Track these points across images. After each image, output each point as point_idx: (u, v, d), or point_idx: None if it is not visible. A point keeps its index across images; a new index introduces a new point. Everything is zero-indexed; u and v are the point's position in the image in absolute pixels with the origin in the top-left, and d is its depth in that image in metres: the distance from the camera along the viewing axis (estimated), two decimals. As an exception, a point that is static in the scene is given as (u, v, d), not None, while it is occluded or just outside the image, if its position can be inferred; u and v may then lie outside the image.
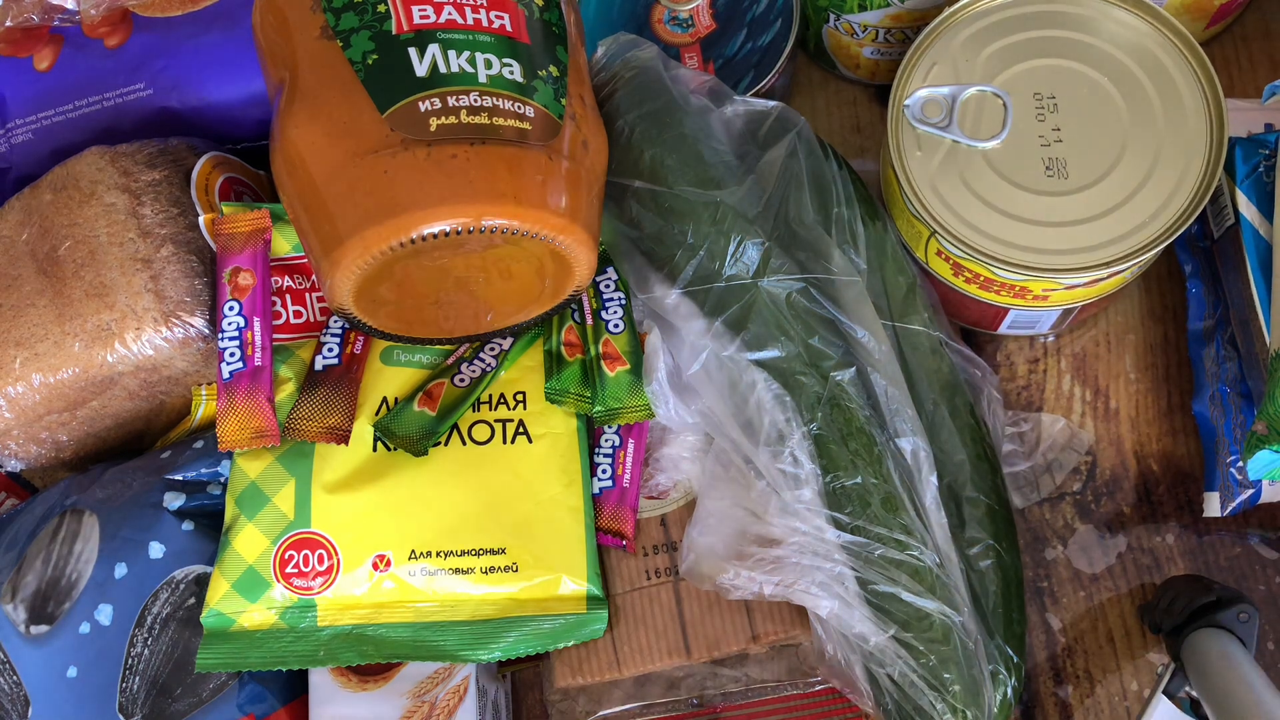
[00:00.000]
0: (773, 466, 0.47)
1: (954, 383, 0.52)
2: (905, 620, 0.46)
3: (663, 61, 0.53)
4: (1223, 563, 0.55)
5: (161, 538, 0.51)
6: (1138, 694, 0.54)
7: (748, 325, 0.48)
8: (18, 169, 0.59)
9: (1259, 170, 0.52)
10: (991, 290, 0.52)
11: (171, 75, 0.57)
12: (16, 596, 0.51)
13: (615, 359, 0.51)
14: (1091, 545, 0.55)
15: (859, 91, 0.64)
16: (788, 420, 0.48)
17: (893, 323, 0.51)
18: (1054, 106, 0.50)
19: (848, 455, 0.47)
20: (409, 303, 0.48)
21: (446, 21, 0.45)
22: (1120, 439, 0.57)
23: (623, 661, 0.51)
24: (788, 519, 0.47)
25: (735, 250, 0.49)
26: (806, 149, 0.52)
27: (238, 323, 0.50)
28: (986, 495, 0.50)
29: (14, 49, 0.59)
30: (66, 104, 0.58)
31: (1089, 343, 0.58)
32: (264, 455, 0.50)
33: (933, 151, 0.50)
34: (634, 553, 0.52)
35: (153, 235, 0.51)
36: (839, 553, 0.47)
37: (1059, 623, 0.55)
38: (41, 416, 0.53)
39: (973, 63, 0.51)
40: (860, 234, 0.51)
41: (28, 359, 0.51)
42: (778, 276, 0.49)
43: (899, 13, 0.57)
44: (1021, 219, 0.49)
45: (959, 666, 0.46)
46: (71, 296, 0.50)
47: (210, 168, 0.55)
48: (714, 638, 0.50)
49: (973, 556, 0.49)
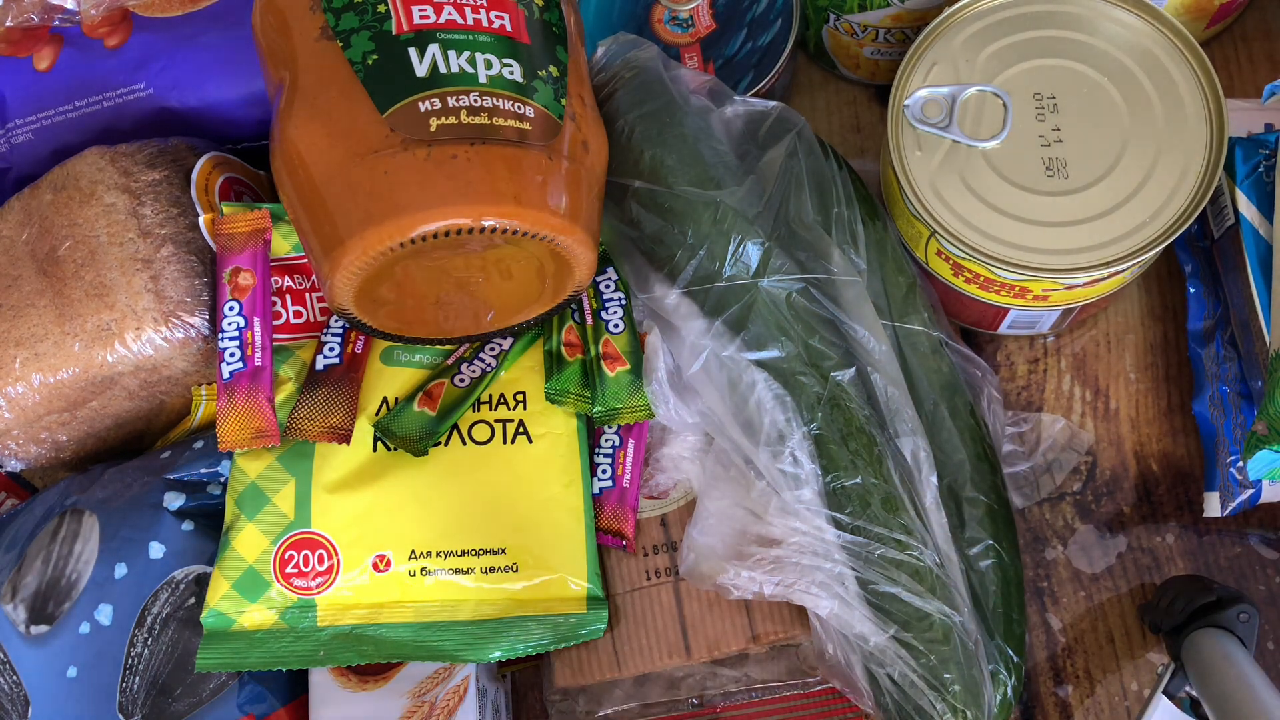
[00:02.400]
0: (773, 466, 0.47)
1: (954, 383, 0.52)
2: (905, 620, 0.46)
3: (663, 61, 0.53)
4: (1223, 563, 0.55)
5: (161, 538, 0.51)
6: (1138, 694, 0.54)
7: (748, 325, 0.48)
8: (18, 169, 0.59)
9: (1259, 170, 0.52)
10: (991, 290, 0.52)
11: (171, 75, 0.57)
12: (16, 596, 0.51)
13: (615, 359, 0.51)
14: (1091, 545, 0.55)
15: (859, 91, 0.64)
16: (788, 420, 0.48)
17: (893, 323, 0.51)
18: (1054, 106, 0.50)
19: (848, 455, 0.47)
20: (409, 303, 0.48)
21: (446, 22, 0.45)
22: (1120, 439, 0.57)
23: (623, 661, 0.51)
24: (788, 519, 0.47)
25: (735, 250, 0.49)
26: (806, 149, 0.52)
27: (238, 323, 0.50)
28: (986, 495, 0.50)
29: (14, 49, 0.59)
30: (66, 104, 0.58)
31: (1089, 343, 0.58)
32: (264, 455, 0.50)
33: (933, 151, 0.50)
34: (634, 553, 0.52)
35: (153, 235, 0.51)
36: (839, 553, 0.47)
37: (1059, 623, 0.55)
38: (41, 416, 0.53)
39: (973, 63, 0.51)
40: (860, 234, 0.51)
41: (28, 359, 0.51)
42: (778, 276, 0.49)
43: (899, 13, 0.57)
44: (1021, 219, 0.49)
45: (959, 666, 0.46)
46: (71, 297, 0.50)
47: (210, 168, 0.55)
48: (714, 638, 0.50)
49: (973, 556, 0.49)
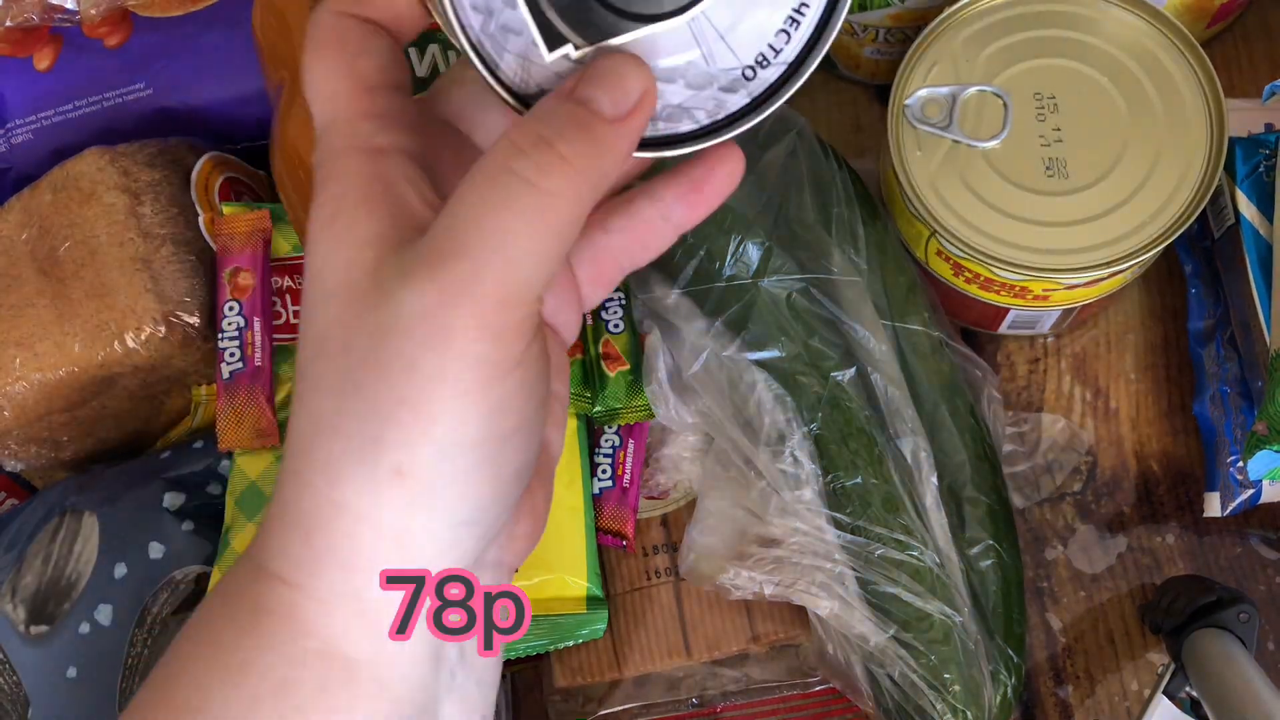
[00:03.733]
0: (773, 466, 0.47)
1: (954, 383, 0.52)
2: (906, 620, 0.46)
3: (663, 61, 0.53)
4: (1223, 563, 0.55)
5: (161, 538, 0.51)
6: (1138, 694, 0.54)
7: (748, 325, 0.48)
8: (17, 169, 0.59)
9: (1259, 170, 0.52)
10: (992, 290, 0.52)
11: (171, 75, 0.57)
12: (16, 597, 0.51)
13: (615, 359, 0.51)
14: (1092, 545, 0.55)
15: (859, 91, 0.64)
16: (788, 420, 0.48)
17: (893, 323, 0.51)
18: (1054, 106, 0.50)
19: (848, 455, 0.47)
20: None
21: (446, 21, 0.45)
22: (1121, 439, 0.57)
23: (622, 662, 0.51)
24: (788, 519, 0.47)
25: (735, 250, 0.49)
26: (807, 149, 0.52)
27: (238, 323, 0.50)
28: (987, 495, 0.50)
29: (14, 49, 0.59)
30: (66, 104, 0.58)
31: (1089, 343, 0.58)
32: (264, 455, 0.50)
33: (933, 151, 0.50)
34: (634, 553, 0.52)
35: (152, 235, 0.51)
36: (839, 553, 0.47)
37: (1059, 623, 0.55)
38: (41, 416, 0.53)
39: (973, 62, 0.51)
40: (860, 234, 0.51)
41: (27, 359, 0.51)
42: (778, 276, 0.49)
43: (899, 12, 0.57)
44: (1022, 219, 0.49)
45: (959, 667, 0.46)
46: (71, 297, 0.50)
47: (210, 168, 0.55)
48: (714, 638, 0.50)
49: (973, 557, 0.49)
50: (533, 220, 0.24)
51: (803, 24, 0.27)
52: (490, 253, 0.24)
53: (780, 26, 0.27)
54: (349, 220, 0.26)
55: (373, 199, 0.26)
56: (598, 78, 0.25)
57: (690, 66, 0.27)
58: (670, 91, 0.27)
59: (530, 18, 0.26)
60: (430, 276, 0.24)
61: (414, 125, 0.28)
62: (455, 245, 0.24)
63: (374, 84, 0.28)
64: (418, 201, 0.26)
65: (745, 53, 0.27)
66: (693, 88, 0.27)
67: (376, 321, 0.24)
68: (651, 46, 0.26)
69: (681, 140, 0.27)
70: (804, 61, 0.27)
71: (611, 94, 0.25)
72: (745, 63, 0.27)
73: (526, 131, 0.25)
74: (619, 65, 0.26)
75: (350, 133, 0.27)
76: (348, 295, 0.25)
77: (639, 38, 0.26)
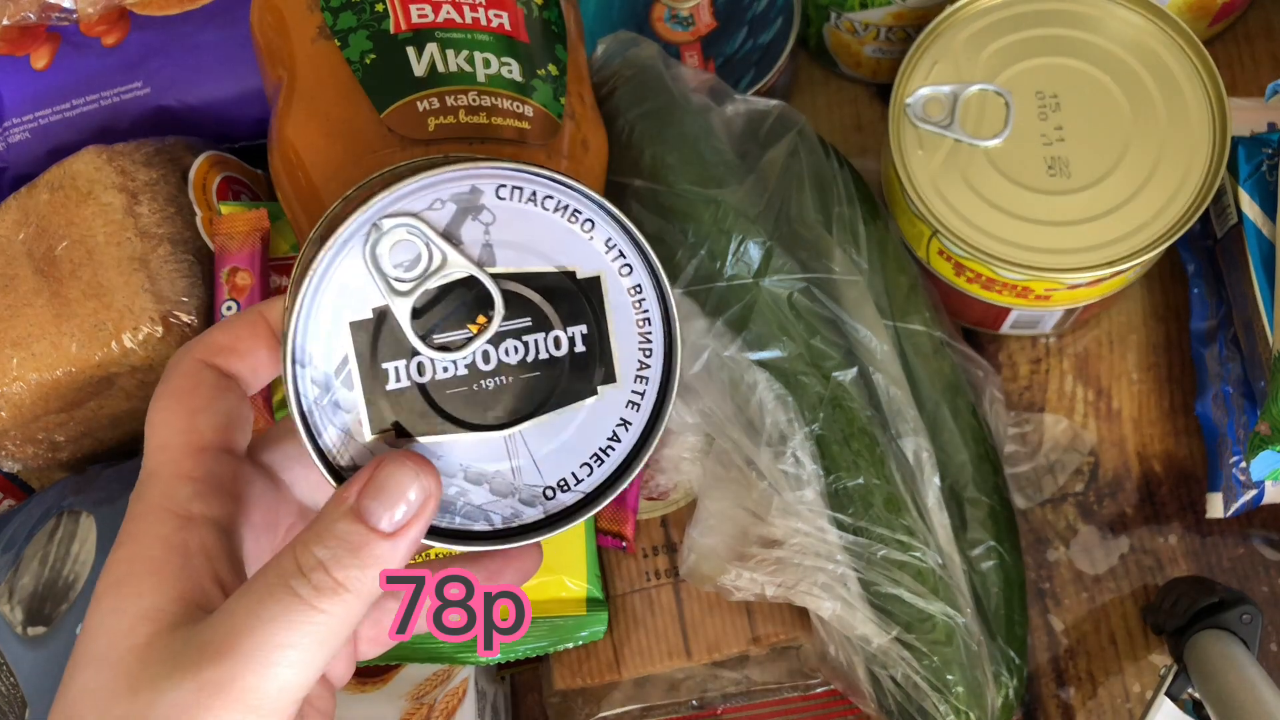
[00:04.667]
0: (774, 467, 0.47)
1: (956, 383, 0.52)
2: (908, 622, 0.46)
3: (663, 60, 0.53)
4: (1225, 564, 0.55)
5: (159, 539, 0.51)
6: (1140, 696, 0.53)
7: (749, 325, 0.48)
8: (14, 168, 0.59)
9: (1262, 169, 0.51)
10: (993, 290, 0.51)
11: (169, 74, 0.57)
12: (13, 598, 0.51)
13: (615, 359, 0.51)
14: (1094, 546, 0.55)
15: (860, 90, 0.64)
16: (789, 421, 0.47)
17: (894, 322, 0.51)
18: (1056, 105, 0.49)
19: (850, 456, 0.47)
20: (408, 303, 0.47)
21: (445, 20, 0.44)
22: (1123, 440, 0.57)
23: (622, 663, 0.51)
24: (789, 520, 0.47)
25: (736, 250, 0.48)
26: (808, 148, 0.52)
27: (236, 323, 0.50)
28: (988, 496, 0.50)
29: (11, 48, 0.58)
30: (63, 103, 0.58)
31: (1091, 343, 0.58)
32: (262, 456, 0.50)
33: (934, 150, 0.50)
34: (634, 554, 0.52)
35: (150, 235, 0.51)
36: (841, 554, 0.47)
37: (1061, 624, 0.55)
38: (38, 417, 0.53)
39: (974, 61, 0.50)
40: (861, 233, 0.51)
41: (25, 359, 0.51)
42: (779, 276, 0.48)
43: (900, 10, 0.57)
44: (1024, 218, 0.48)
45: (962, 668, 0.46)
46: (69, 296, 0.50)
47: (208, 167, 0.54)
48: (714, 639, 0.50)
49: (975, 558, 0.49)
50: (306, 635, 0.26)
51: (606, 463, 0.31)
52: (255, 662, 0.26)
53: (585, 460, 0.31)
54: (135, 589, 0.27)
55: (164, 570, 0.28)
56: (380, 489, 0.27)
57: (498, 475, 0.30)
58: (475, 493, 0.30)
59: (364, 402, 0.28)
60: (194, 674, 0.26)
61: (232, 490, 0.30)
62: (224, 647, 0.26)
63: (205, 444, 0.29)
64: (209, 580, 0.28)
65: (550, 475, 0.30)
66: (496, 494, 0.30)
67: (132, 708, 0.26)
68: (467, 450, 0.30)
69: (473, 538, 0.30)
70: (601, 495, 0.31)
71: (390, 509, 0.27)
72: (548, 483, 0.30)
73: (307, 555, 0.27)
74: (403, 477, 0.27)
75: (165, 492, 0.29)
76: (113, 671, 0.27)
77: (457, 440, 0.29)
